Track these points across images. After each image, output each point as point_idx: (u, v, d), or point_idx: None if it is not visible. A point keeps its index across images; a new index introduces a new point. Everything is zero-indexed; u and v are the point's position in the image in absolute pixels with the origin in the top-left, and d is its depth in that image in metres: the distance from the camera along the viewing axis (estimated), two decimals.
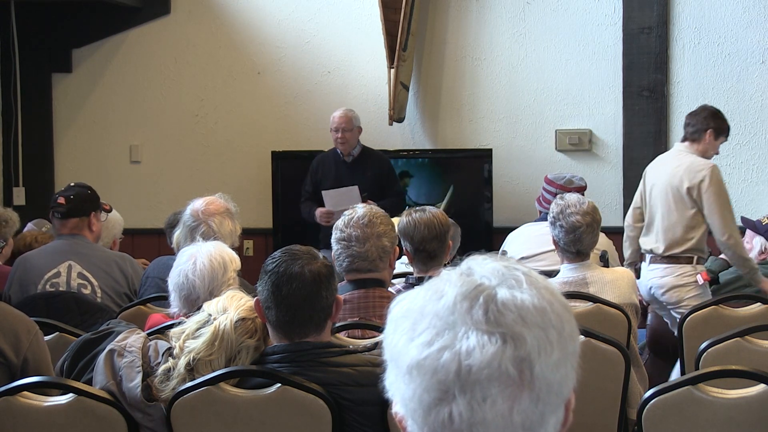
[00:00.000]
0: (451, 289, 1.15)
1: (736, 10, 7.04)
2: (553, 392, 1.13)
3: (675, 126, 7.13)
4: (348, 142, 6.65)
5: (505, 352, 1.11)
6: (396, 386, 1.16)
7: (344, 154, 6.69)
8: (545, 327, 1.13)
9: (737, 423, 2.80)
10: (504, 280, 1.16)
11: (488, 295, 1.14)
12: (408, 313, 1.17)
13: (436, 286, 1.18)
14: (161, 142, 7.71)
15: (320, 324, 2.69)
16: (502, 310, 1.13)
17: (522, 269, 1.18)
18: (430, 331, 1.13)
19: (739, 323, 3.84)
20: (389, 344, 1.18)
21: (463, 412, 1.10)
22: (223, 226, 4.04)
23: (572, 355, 1.16)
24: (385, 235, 3.50)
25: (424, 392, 1.12)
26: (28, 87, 7.67)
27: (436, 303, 1.15)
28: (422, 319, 1.15)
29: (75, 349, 3.00)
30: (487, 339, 1.11)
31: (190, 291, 3.15)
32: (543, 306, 1.15)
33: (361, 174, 6.62)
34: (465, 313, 1.13)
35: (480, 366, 1.10)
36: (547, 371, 1.12)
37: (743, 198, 7.09)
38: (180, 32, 7.65)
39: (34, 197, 7.64)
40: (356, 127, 6.68)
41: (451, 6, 7.35)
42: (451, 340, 1.11)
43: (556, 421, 1.16)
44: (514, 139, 7.32)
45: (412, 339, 1.14)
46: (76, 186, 4.58)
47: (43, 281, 4.32)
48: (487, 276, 1.17)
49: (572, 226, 4.12)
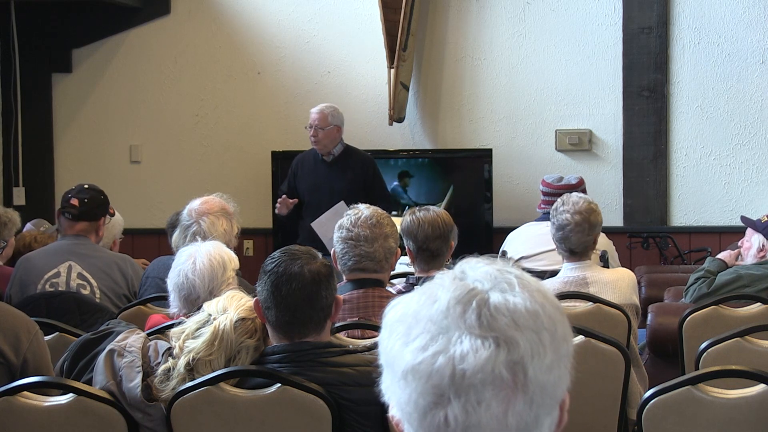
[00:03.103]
0: (445, 294, 1.16)
1: (736, 10, 7.04)
2: (547, 394, 1.15)
3: (675, 126, 7.14)
4: (321, 141, 6.24)
5: (498, 356, 1.12)
6: (392, 390, 1.17)
7: (322, 153, 6.32)
8: (538, 330, 1.15)
9: (737, 423, 2.80)
10: (496, 283, 1.17)
11: (481, 300, 1.15)
12: (402, 318, 1.18)
13: (429, 290, 1.19)
14: (161, 142, 7.71)
15: (320, 324, 2.69)
16: (495, 315, 1.14)
17: (514, 272, 1.19)
18: (425, 336, 1.14)
19: (739, 323, 3.84)
20: (384, 349, 1.19)
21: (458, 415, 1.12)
22: (215, 225, 4.02)
23: (565, 357, 1.18)
24: (391, 236, 3.51)
25: (420, 396, 1.13)
26: (28, 87, 7.67)
27: (429, 308, 1.16)
28: (416, 323, 1.16)
29: (75, 349, 3.00)
30: (481, 343, 1.12)
31: (189, 291, 3.15)
32: (535, 309, 1.16)
33: (340, 175, 6.26)
34: (458, 318, 1.14)
35: (474, 370, 1.11)
36: (541, 374, 1.14)
37: (743, 198, 7.10)
38: (180, 32, 7.65)
39: (34, 197, 7.64)
40: (333, 125, 6.25)
41: (451, 6, 7.35)
42: (445, 345, 1.13)
43: (551, 422, 1.17)
44: (514, 139, 7.32)
45: (406, 344, 1.15)
46: (90, 189, 4.57)
47: (43, 281, 4.32)
48: (479, 280, 1.18)
49: (560, 224, 4.13)
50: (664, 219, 7.16)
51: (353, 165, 6.33)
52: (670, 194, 7.18)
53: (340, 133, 6.33)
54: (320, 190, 6.28)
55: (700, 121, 7.12)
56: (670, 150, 7.15)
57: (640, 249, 7.13)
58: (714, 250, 6.31)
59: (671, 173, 7.17)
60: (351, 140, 6.66)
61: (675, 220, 7.19)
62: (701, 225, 7.15)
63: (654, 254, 7.13)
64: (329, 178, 6.29)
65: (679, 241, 7.10)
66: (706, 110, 7.11)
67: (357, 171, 6.30)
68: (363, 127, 7.35)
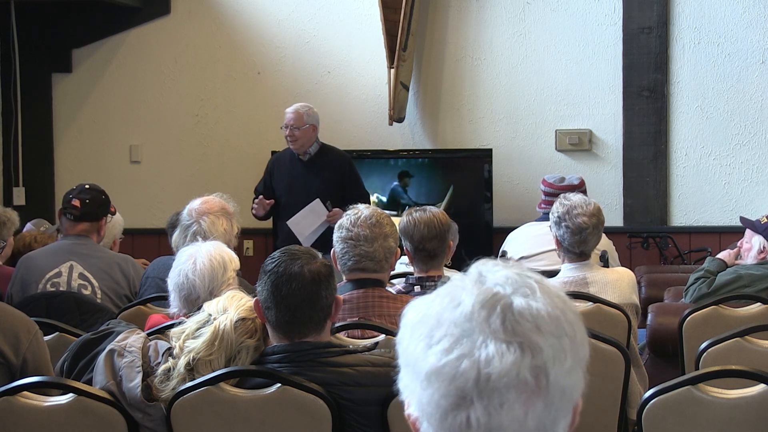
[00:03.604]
0: (468, 298, 1.18)
1: (736, 10, 7.04)
2: (566, 397, 1.18)
3: (675, 126, 7.14)
4: (298, 140, 6.16)
5: (523, 360, 1.15)
6: (411, 390, 1.19)
7: (298, 153, 6.25)
8: (559, 335, 1.17)
9: (737, 423, 2.80)
10: (518, 288, 1.19)
11: (505, 304, 1.17)
12: (424, 319, 1.20)
13: (451, 293, 1.21)
14: (161, 142, 7.71)
15: (320, 324, 2.69)
16: (519, 320, 1.16)
17: (534, 276, 1.22)
18: (448, 338, 1.16)
19: (739, 323, 3.84)
20: (404, 349, 1.21)
21: (480, 417, 1.14)
22: (215, 225, 4.02)
23: (583, 361, 1.21)
24: (391, 235, 3.51)
25: (442, 398, 1.15)
26: (28, 87, 7.67)
27: (453, 311, 1.18)
28: (439, 326, 1.18)
29: (75, 349, 3.00)
30: (506, 348, 1.15)
31: (190, 291, 3.15)
32: (557, 314, 1.18)
33: (317, 174, 6.20)
34: (483, 322, 1.16)
35: (499, 374, 1.14)
36: (561, 378, 1.17)
37: (743, 198, 7.10)
38: (180, 32, 7.65)
39: (34, 197, 7.64)
40: (309, 124, 6.18)
41: (451, 6, 7.35)
42: (469, 349, 1.15)
43: (566, 423, 1.20)
44: (514, 139, 7.32)
45: (429, 345, 1.17)
46: (91, 189, 4.57)
47: (44, 281, 4.32)
48: (501, 284, 1.20)
49: (579, 228, 4.11)
50: (664, 219, 7.17)
51: (329, 164, 6.28)
52: (670, 194, 7.18)
53: (316, 132, 6.27)
54: (296, 190, 6.24)
55: (700, 121, 7.12)
56: (670, 150, 7.15)
57: (640, 249, 7.14)
58: (714, 250, 6.31)
59: (671, 173, 7.17)
60: (351, 140, 6.66)
61: (675, 220, 7.19)
62: (701, 225, 7.15)
63: (654, 254, 7.14)
64: (305, 177, 6.24)
65: (679, 241, 7.10)
66: (706, 110, 7.11)
67: (333, 170, 6.24)
68: (363, 127, 7.36)
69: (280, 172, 6.36)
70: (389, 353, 2.75)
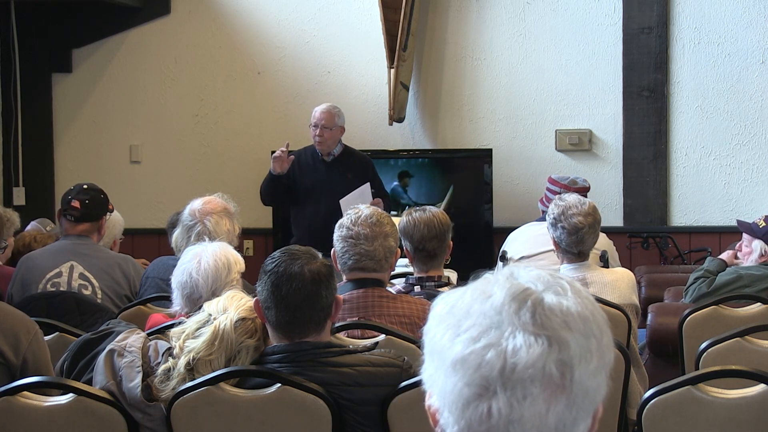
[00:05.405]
0: (500, 291, 1.20)
1: (736, 10, 7.04)
2: (588, 399, 1.19)
3: (675, 126, 7.14)
4: (326, 141, 6.19)
5: (550, 353, 1.15)
6: (435, 378, 1.20)
7: (323, 153, 6.26)
8: (587, 335, 1.19)
9: (737, 423, 2.80)
10: (550, 286, 1.21)
11: (536, 299, 1.19)
12: (453, 311, 1.21)
13: (483, 286, 1.22)
14: (161, 142, 7.71)
15: (320, 324, 2.69)
16: (549, 314, 1.18)
17: (566, 279, 1.24)
18: (476, 328, 1.17)
19: (739, 323, 3.84)
20: (431, 338, 1.22)
21: (502, 408, 1.15)
22: (219, 225, 4.03)
23: (607, 366, 1.22)
24: (391, 235, 3.50)
25: (465, 386, 1.16)
26: (28, 87, 7.67)
27: (483, 303, 1.19)
28: (468, 316, 1.19)
29: (75, 349, 3.00)
30: (534, 340, 1.16)
31: (192, 289, 3.15)
32: (586, 315, 1.20)
33: (340, 175, 6.19)
34: (513, 314, 1.17)
35: (525, 365, 1.14)
36: (586, 378, 1.18)
37: (743, 198, 7.10)
38: (180, 32, 7.65)
39: (34, 197, 7.64)
40: (338, 126, 6.22)
41: (451, 6, 7.35)
42: (497, 338, 1.16)
43: (585, 427, 1.21)
44: (514, 139, 7.32)
45: (457, 334, 1.18)
46: (90, 189, 4.58)
47: (45, 281, 4.32)
48: (533, 281, 1.21)
49: (575, 227, 4.11)
50: (664, 219, 7.17)
51: (353, 165, 6.31)
52: (670, 194, 7.18)
53: (342, 134, 6.33)
54: (320, 190, 6.25)
55: (700, 121, 7.12)
56: (670, 150, 7.15)
57: (640, 249, 7.14)
58: (714, 250, 6.32)
59: (671, 173, 7.17)
60: (351, 140, 6.65)
61: (675, 220, 7.19)
62: (701, 225, 7.15)
63: (654, 254, 7.14)
64: (329, 178, 6.24)
65: (679, 241, 7.10)
66: (706, 110, 7.11)
67: (356, 171, 6.26)
68: (363, 127, 7.36)
69: (303, 172, 6.33)
70: (389, 353, 2.75)
